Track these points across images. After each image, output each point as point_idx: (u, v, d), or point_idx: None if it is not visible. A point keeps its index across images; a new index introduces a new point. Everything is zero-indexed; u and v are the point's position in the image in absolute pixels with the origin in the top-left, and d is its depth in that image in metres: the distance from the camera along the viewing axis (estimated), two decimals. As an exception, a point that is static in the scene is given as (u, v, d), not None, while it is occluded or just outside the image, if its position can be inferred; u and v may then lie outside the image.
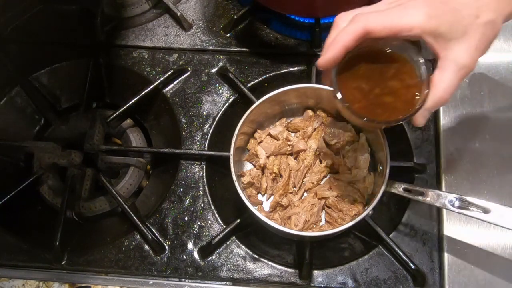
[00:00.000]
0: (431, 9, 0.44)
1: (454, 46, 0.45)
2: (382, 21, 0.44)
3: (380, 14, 0.45)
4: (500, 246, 0.62)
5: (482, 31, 0.45)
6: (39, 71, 0.78)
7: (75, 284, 0.65)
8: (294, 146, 0.68)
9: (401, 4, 0.45)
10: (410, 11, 0.44)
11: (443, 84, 0.46)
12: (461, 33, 0.45)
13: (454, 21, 0.44)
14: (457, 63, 0.46)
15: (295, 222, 0.64)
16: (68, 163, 0.70)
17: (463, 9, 0.45)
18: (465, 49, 0.45)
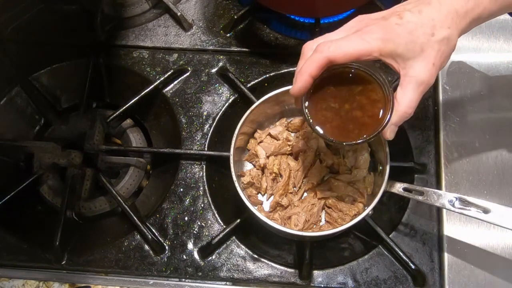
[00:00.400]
0: (387, 33, 0.47)
1: (413, 64, 0.48)
2: (342, 49, 0.47)
3: (340, 43, 0.47)
4: (500, 246, 0.62)
5: (438, 48, 0.48)
6: (39, 71, 0.78)
7: (75, 284, 0.65)
8: (294, 146, 0.68)
9: (359, 30, 0.48)
10: (367, 37, 0.47)
11: (405, 100, 0.49)
12: (418, 52, 0.47)
13: (410, 41, 0.47)
14: (417, 80, 0.48)
15: (295, 222, 0.64)
16: (68, 163, 0.70)
17: (419, 29, 0.47)
18: (423, 66, 0.48)
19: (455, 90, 0.70)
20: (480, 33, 0.73)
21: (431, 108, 0.71)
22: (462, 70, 0.71)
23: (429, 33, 0.47)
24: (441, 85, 0.71)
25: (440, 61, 0.49)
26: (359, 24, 0.50)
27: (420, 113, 0.71)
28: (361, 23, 0.49)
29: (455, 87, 0.70)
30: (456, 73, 0.71)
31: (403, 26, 0.47)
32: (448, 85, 0.71)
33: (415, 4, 0.49)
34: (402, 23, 0.47)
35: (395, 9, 0.50)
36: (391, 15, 0.48)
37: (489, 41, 0.73)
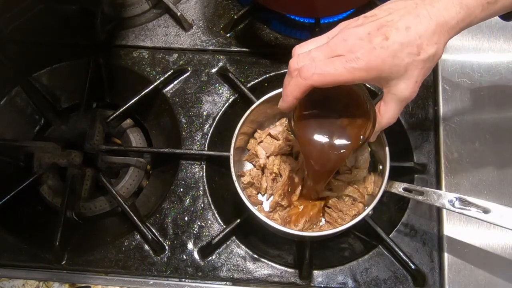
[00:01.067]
0: (371, 61, 0.46)
1: (396, 83, 0.48)
2: (326, 78, 0.47)
3: (324, 71, 0.47)
4: (500, 246, 0.62)
5: (422, 66, 0.47)
6: (39, 71, 0.78)
7: (75, 284, 0.65)
8: (294, 146, 0.68)
9: (342, 56, 0.47)
10: (351, 67, 0.46)
11: (388, 115, 0.51)
12: (402, 72, 0.47)
13: (394, 65, 0.46)
14: (399, 98, 0.49)
15: (294, 222, 0.64)
16: (68, 163, 0.70)
17: (404, 49, 0.46)
18: (405, 85, 0.48)
19: (455, 91, 0.70)
20: (480, 33, 0.73)
21: (431, 108, 0.71)
22: (462, 70, 0.71)
23: (414, 53, 0.46)
24: (441, 85, 0.71)
25: (424, 76, 0.49)
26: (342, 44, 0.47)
27: (420, 113, 0.71)
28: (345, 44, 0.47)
29: (455, 87, 0.70)
30: (456, 73, 0.71)
31: (388, 50, 0.46)
32: (448, 85, 0.71)
33: (403, 16, 0.47)
34: (388, 46, 0.46)
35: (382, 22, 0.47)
36: (377, 34, 0.46)
37: (489, 41, 0.73)
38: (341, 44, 0.47)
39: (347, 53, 0.47)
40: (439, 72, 0.71)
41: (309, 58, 0.48)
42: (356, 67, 0.46)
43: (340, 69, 0.46)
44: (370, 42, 0.46)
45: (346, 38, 0.47)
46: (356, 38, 0.47)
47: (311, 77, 0.47)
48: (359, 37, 0.47)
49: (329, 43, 0.48)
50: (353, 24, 0.49)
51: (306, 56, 0.49)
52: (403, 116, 0.71)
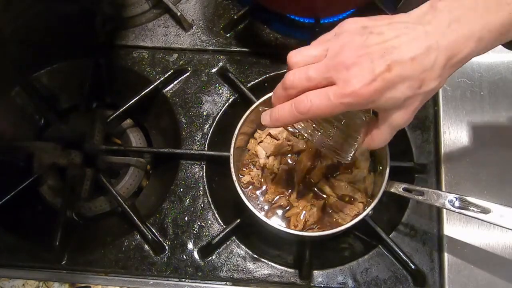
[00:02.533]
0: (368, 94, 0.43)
1: (392, 112, 0.47)
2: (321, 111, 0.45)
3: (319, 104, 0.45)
4: (500, 246, 0.62)
5: (422, 99, 0.45)
6: (39, 71, 0.78)
7: (75, 284, 0.65)
8: (294, 146, 0.68)
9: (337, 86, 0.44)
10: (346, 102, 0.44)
11: (379, 138, 0.51)
12: (400, 104, 0.45)
13: (392, 97, 0.44)
14: (393, 125, 0.48)
15: (294, 222, 0.64)
16: (68, 163, 0.70)
17: (406, 82, 0.43)
18: (401, 115, 0.46)
19: (455, 90, 0.70)
20: (480, 33, 0.73)
21: (431, 108, 0.71)
22: (462, 70, 0.71)
23: (416, 87, 0.44)
24: (441, 85, 0.71)
25: (420, 106, 0.47)
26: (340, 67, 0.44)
27: (420, 113, 0.71)
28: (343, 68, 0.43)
29: (455, 87, 0.70)
30: (456, 73, 0.71)
31: (389, 83, 0.43)
32: (448, 85, 0.71)
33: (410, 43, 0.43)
34: (389, 79, 0.43)
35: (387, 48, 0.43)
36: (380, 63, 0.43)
37: (489, 41, 0.73)
38: (339, 68, 0.44)
39: (343, 82, 0.43)
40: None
41: (305, 77, 0.46)
42: (352, 101, 0.43)
43: (336, 103, 0.44)
44: (372, 71, 0.43)
45: (347, 63, 0.43)
46: (357, 65, 0.43)
47: (307, 113, 0.46)
48: (361, 65, 0.43)
49: (327, 63, 0.45)
50: (357, 40, 0.44)
51: (302, 74, 0.46)
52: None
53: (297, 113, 0.47)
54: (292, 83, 0.47)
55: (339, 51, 0.45)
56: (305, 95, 0.46)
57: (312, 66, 0.46)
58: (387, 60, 0.43)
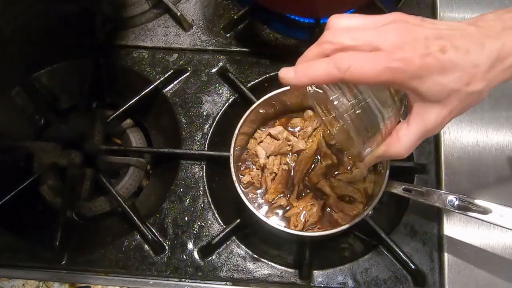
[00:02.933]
0: (419, 67, 0.40)
1: (430, 107, 0.43)
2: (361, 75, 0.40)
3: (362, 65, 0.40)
4: (500, 246, 0.62)
5: (464, 99, 0.42)
6: (39, 71, 0.78)
7: (75, 284, 0.65)
8: (294, 146, 0.68)
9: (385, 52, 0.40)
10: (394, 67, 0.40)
11: (405, 140, 0.45)
12: (443, 96, 0.42)
13: (439, 83, 0.41)
14: (425, 125, 0.43)
15: (294, 222, 0.64)
16: (68, 163, 0.70)
17: (456, 73, 0.40)
18: (438, 113, 0.43)
19: (455, 90, 0.70)
20: (480, 33, 0.73)
21: (431, 108, 0.71)
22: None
23: (464, 82, 0.41)
24: (441, 85, 0.71)
25: (458, 113, 0.43)
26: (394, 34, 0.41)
27: (420, 113, 0.71)
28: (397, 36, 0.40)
29: (455, 87, 0.70)
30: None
31: (441, 63, 0.40)
32: (448, 85, 0.71)
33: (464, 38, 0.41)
34: (442, 60, 0.40)
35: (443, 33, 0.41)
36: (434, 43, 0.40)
37: (489, 41, 0.73)
38: (392, 34, 0.40)
39: (395, 49, 0.40)
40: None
41: (350, 37, 0.41)
42: (401, 69, 0.39)
43: (381, 67, 0.40)
44: (426, 48, 0.40)
45: (401, 31, 0.41)
46: (412, 36, 0.40)
47: (346, 71, 0.40)
48: (415, 36, 0.40)
49: (379, 28, 0.41)
50: (411, 20, 0.42)
51: (346, 33, 0.42)
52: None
53: (334, 69, 0.40)
54: (333, 38, 0.42)
55: (392, 24, 0.42)
56: (347, 53, 0.41)
57: (359, 28, 0.42)
58: (442, 43, 0.40)
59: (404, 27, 0.41)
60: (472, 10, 0.75)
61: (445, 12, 0.75)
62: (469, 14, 0.74)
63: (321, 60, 0.42)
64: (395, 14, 0.43)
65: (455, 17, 0.75)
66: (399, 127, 0.45)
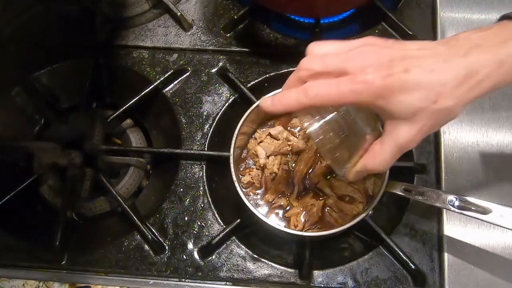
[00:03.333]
0: (381, 88, 0.42)
1: (399, 125, 0.44)
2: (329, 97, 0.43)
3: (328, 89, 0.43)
4: (500, 246, 0.62)
5: (433, 117, 0.43)
6: (39, 71, 0.78)
7: (75, 284, 0.65)
8: (294, 146, 0.68)
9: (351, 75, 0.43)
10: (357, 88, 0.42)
11: (381, 157, 0.47)
12: (409, 115, 0.43)
13: (404, 102, 0.42)
14: (398, 142, 0.45)
15: (294, 222, 0.64)
16: (68, 163, 0.70)
17: (421, 90, 0.42)
18: (408, 130, 0.44)
19: (455, 90, 0.70)
20: (480, 33, 0.73)
21: (431, 108, 0.71)
22: (462, 70, 0.71)
23: (431, 100, 0.42)
24: (441, 85, 0.71)
25: (430, 129, 0.44)
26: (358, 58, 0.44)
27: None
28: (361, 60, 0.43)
29: (455, 87, 0.70)
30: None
31: (404, 84, 0.42)
32: (448, 85, 0.71)
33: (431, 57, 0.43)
34: (405, 80, 0.42)
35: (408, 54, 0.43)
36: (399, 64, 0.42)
37: (489, 41, 0.73)
38: (357, 59, 0.43)
39: (358, 72, 0.43)
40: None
41: (321, 63, 0.45)
42: (363, 90, 0.42)
43: (345, 90, 0.43)
44: (389, 68, 0.42)
45: (366, 55, 0.44)
46: (376, 58, 0.43)
47: (314, 97, 0.44)
48: (379, 58, 0.43)
49: (346, 55, 0.45)
50: (379, 43, 0.45)
51: (319, 60, 0.45)
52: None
53: (303, 97, 0.44)
54: (307, 65, 0.46)
55: (360, 47, 0.45)
56: (315, 81, 0.45)
57: (330, 55, 0.45)
58: (407, 63, 0.42)
59: (370, 50, 0.44)
60: (472, 10, 0.75)
61: (445, 12, 0.75)
62: (469, 14, 0.75)
63: (293, 90, 0.46)
64: (366, 38, 0.46)
65: (455, 17, 0.75)
66: (374, 145, 0.48)
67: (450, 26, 0.74)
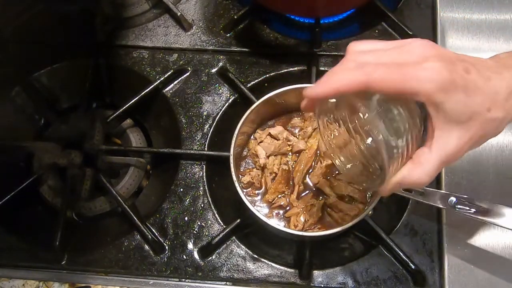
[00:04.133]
0: (446, 80, 0.39)
1: (451, 129, 0.41)
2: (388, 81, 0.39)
3: (389, 71, 0.39)
4: (500, 246, 0.62)
5: (485, 126, 0.41)
6: (39, 71, 0.78)
7: (75, 284, 0.65)
8: (294, 146, 0.68)
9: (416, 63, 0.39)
10: (422, 75, 0.39)
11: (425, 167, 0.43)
12: (464, 119, 0.40)
13: (463, 103, 0.40)
14: (446, 151, 0.42)
15: (294, 222, 0.64)
16: (68, 163, 0.70)
17: (479, 95, 0.40)
18: (458, 137, 0.41)
19: (455, 90, 0.70)
20: (480, 33, 0.73)
21: (431, 108, 0.71)
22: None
23: (486, 107, 0.40)
24: (441, 85, 0.71)
25: (478, 140, 0.42)
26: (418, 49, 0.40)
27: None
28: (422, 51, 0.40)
29: (455, 87, 0.70)
30: (456, 73, 0.71)
31: (465, 82, 0.39)
32: (448, 85, 0.71)
33: (484, 68, 0.41)
34: (466, 79, 0.39)
35: (464, 58, 0.41)
36: (459, 62, 0.40)
37: (489, 41, 0.73)
38: (415, 51, 0.40)
39: (421, 60, 0.39)
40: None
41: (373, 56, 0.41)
42: (429, 77, 0.39)
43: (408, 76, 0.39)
44: (452, 64, 0.40)
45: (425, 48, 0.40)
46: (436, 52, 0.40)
47: (371, 76, 0.39)
48: (439, 53, 0.40)
49: (403, 47, 0.41)
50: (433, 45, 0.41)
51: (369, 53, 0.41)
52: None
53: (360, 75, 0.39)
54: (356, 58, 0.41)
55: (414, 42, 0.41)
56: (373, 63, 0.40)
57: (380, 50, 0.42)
58: (466, 65, 0.40)
59: (427, 44, 0.41)
60: (472, 10, 0.75)
61: (445, 12, 0.75)
62: (469, 14, 0.75)
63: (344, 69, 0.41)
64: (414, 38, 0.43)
65: (455, 17, 0.75)
66: (420, 152, 0.43)
67: (450, 26, 0.74)
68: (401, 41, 0.42)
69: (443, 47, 0.43)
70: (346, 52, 0.43)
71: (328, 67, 0.74)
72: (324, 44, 0.76)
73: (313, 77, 0.72)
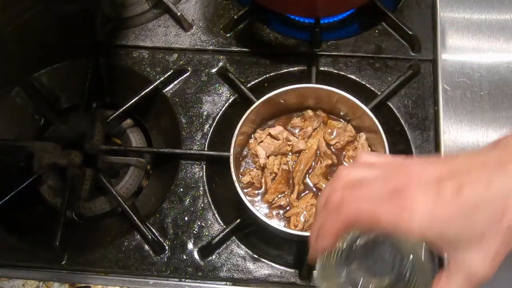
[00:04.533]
0: (437, 208, 0.34)
1: (466, 252, 0.36)
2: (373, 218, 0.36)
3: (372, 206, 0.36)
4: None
5: (504, 238, 0.35)
6: (39, 71, 0.78)
7: (75, 284, 0.65)
8: (294, 146, 0.68)
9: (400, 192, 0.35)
10: (407, 210, 0.35)
11: None
12: (476, 240, 0.35)
13: (465, 227, 0.35)
14: (471, 272, 0.36)
15: (294, 222, 0.64)
16: (68, 163, 0.70)
17: (482, 210, 0.34)
18: (480, 259, 0.36)
19: (455, 90, 0.70)
20: (480, 33, 0.73)
21: (431, 108, 0.71)
22: (462, 70, 0.71)
23: (495, 216, 0.34)
24: (441, 85, 0.71)
25: (507, 250, 0.36)
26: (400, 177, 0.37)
27: (420, 113, 0.71)
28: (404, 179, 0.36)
29: (455, 87, 0.70)
30: (456, 73, 0.71)
31: (459, 205, 0.34)
32: (448, 85, 0.71)
33: (484, 170, 0.35)
34: (459, 201, 0.34)
35: (456, 167, 0.36)
36: (448, 180, 0.35)
37: (489, 41, 0.73)
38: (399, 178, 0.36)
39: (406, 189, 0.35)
40: (439, 72, 0.71)
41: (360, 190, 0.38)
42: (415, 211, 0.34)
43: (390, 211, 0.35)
44: (437, 189, 0.35)
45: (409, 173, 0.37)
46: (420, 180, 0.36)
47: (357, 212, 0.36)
48: (425, 179, 0.36)
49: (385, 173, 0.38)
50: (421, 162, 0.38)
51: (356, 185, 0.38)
52: (403, 116, 0.71)
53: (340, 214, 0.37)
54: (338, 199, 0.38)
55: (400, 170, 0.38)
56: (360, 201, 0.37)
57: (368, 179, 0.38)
58: (458, 181, 0.35)
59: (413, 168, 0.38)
60: (472, 10, 0.75)
61: (445, 12, 0.75)
62: (469, 14, 0.75)
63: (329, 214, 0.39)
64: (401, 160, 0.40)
65: (455, 17, 0.75)
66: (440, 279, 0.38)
67: (450, 26, 0.74)
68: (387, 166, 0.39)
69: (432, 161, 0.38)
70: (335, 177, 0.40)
71: (328, 67, 0.75)
72: (324, 44, 0.76)
73: (313, 77, 0.72)
